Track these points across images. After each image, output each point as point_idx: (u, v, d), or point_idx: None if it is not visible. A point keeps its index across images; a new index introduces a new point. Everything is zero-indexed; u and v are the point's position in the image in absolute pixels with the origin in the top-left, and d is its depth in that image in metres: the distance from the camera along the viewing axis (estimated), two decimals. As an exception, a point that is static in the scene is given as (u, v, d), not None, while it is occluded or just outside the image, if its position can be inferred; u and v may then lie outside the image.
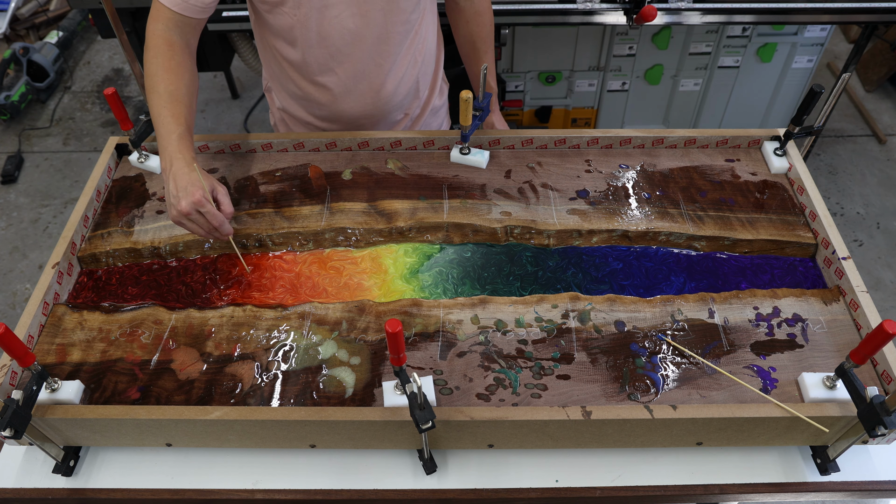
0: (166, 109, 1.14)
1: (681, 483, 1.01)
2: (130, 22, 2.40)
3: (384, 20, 1.30)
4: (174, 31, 1.20)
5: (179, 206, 1.08)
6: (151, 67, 1.17)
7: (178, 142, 1.12)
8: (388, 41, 1.34)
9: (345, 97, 1.41)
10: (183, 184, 1.08)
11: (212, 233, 1.13)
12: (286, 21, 1.28)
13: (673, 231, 1.23)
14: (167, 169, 1.11)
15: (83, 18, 4.04)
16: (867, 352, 0.89)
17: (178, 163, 1.10)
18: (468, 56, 1.56)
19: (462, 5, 1.47)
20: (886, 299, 2.65)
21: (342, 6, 1.26)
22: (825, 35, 2.61)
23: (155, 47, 1.18)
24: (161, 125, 1.14)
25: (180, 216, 1.09)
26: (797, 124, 1.30)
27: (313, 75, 1.37)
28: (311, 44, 1.31)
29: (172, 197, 1.09)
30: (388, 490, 1.00)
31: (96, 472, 1.03)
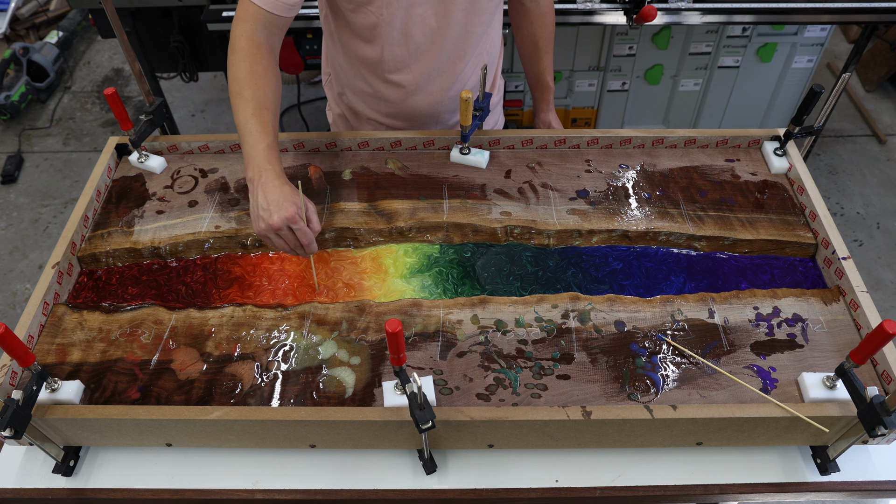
0: (254, 118, 1.10)
1: (681, 483, 1.01)
2: (130, 22, 2.40)
3: (465, 20, 1.30)
4: (261, 32, 1.17)
5: (271, 221, 1.04)
6: (239, 71, 1.14)
7: (268, 152, 1.09)
8: (466, 40, 1.34)
9: (415, 94, 1.41)
10: (275, 197, 1.05)
11: (297, 249, 1.10)
12: (369, 19, 1.28)
13: (673, 231, 1.23)
14: (255, 179, 1.07)
15: (83, 18, 4.04)
16: (867, 352, 0.88)
17: (268, 174, 1.06)
18: (529, 56, 1.56)
19: (528, 6, 1.48)
20: (886, 299, 2.65)
21: (427, 5, 1.25)
22: (825, 35, 2.61)
23: (242, 49, 1.15)
24: (248, 133, 1.10)
25: (269, 230, 1.06)
26: (797, 124, 1.30)
27: (388, 73, 1.37)
28: (393, 42, 1.31)
29: (262, 210, 1.05)
30: (388, 490, 1.00)
31: (96, 472, 1.03)
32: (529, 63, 1.58)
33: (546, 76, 1.58)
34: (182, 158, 1.40)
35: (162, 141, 1.40)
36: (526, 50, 1.56)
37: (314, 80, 3.57)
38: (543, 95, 1.61)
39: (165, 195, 1.32)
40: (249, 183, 1.09)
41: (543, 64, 1.56)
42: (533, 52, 1.55)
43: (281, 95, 1.19)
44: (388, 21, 1.27)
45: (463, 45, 1.35)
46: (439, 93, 1.42)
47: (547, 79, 1.58)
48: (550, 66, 1.57)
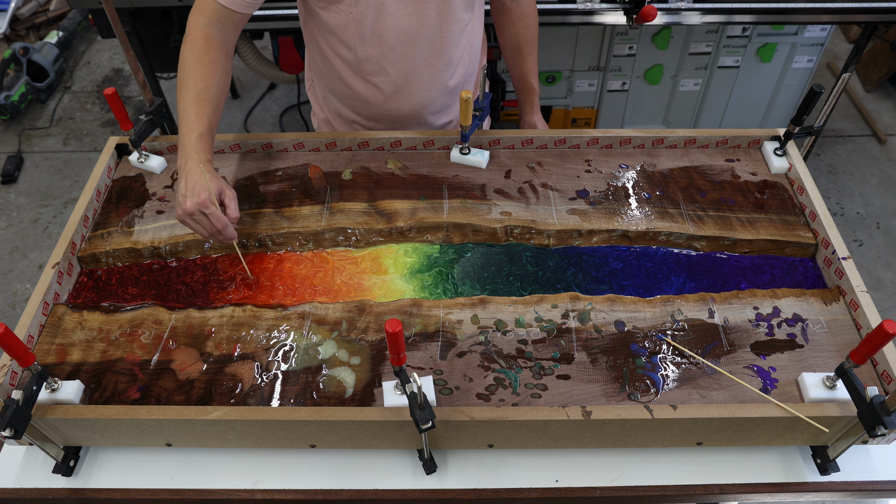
0: (192, 107, 1.14)
1: (681, 483, 1.01)
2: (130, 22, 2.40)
3: (438, 19, 1.30)
4: (215, 26, 1.19)
5: (185, 205, 1.09)
6: (185, 61, 1.17)
7: (197, 141, 1.12)
8: (442, 40, 1.34)
9: (395, 97, 1.41)
10: (191, 184, 1.09)
11: (215, 235, 1.13)
12: (341, 19, 1.28)
13: (673, 231, 1.23)
14: (181, 167, 1.12)
15: (83, 18, 4.04)
16: (867, 352, 0.88)
17: (192, 162, 1.11)
18: (512, 58, 1.56)
19: (509, 6, 1.47)
20: (886, 299, 2.65)
21: (398, 4, 1.25)
22: (825, 35, 2.61)
23: (193, 41, 1.18)
24: (183, 122, 1.14)
25: (184, 215, 1.10)
26: (797, 124, 1.30)
27: (365, 74, 1.37)
28: (366, 42, 1.31)
29: (180, 195, 1.10)
30: (388, 490, 1.00)
31: (96, 472, 1.03)
32: (513, 65, 1.57)
33: (530, 78, 1.57)
34: (182, 158, 1.40)
35: (162, 141, 1.40)
36: (509, 52, 1.55)
37: (314, 80, 3.57)
38: (528, 98, 1.60)
39: (165, 195, 1.32)
40: (179, 169, 1.13)
41: (527, 66, 1.55)
42: (516, 53, 1.54)
43: (227, 88, 1.22)
44: (358, 20, 1.27)
45: (438, 45, 1.34)
46: (418, 94, 1.41)
47: (531, 80, 1.57)
48: (535, 68, 1.56)
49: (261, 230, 1.24)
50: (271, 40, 2.48)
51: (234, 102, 3.62)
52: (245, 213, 1.28)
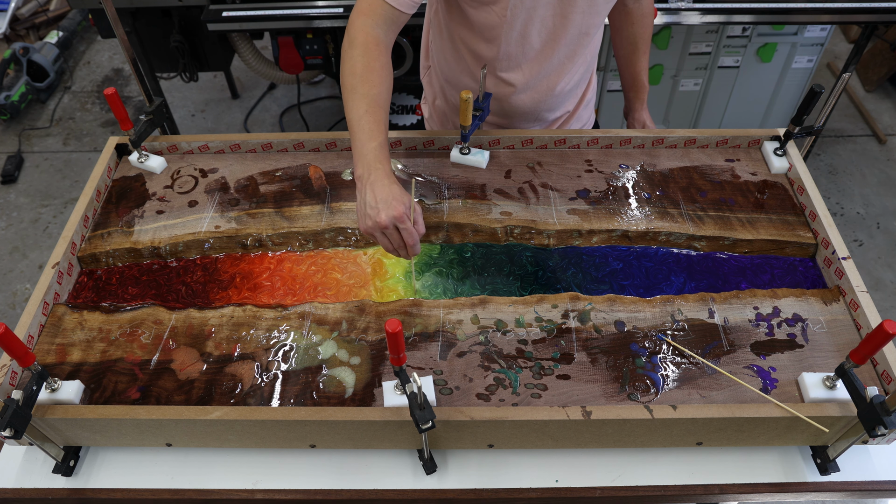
0: (368, 115, 1.10)
1: (681, 483, 1.01)
2: (130, 22, 2.40)
3: (581, 21, 1.30)
4: (381, 28, 1.16)
5: (378, 219, 1.04)
6: (355, 66, 1.12)
7: (379, 150, 1.08)
8: (579, 42, 1.35)
9: (522, 93, 1.41)
10: (384, 196, 1.04)
11: (399, 249, 1.09)
12: (491, 19, 1.27)
13: (673, 231, 1.23)
14: (363, 177, 1.07)
15: (83, 18, 4.04)
16: (867, 352, 0.88)
17: (378, 173, 1.06)
18: (627, 56, 1.57)
19: (631, 7, 1.48)
20: (886, 299, 2.65)
21: (549, 7, 1.25)
22: (825, 35, 2.61)
23: (362, 44, 1.13)
24: (360, 130, 1.09)
25: (376, 228, 1.05)
26: (797, 124, 1.30)
27: (500, 71, 1.37)
28: (511, 42, 1.30)
29: (370, 208, 1.05)
30: (388, 490, 1.00)
31: (96, 472, 1.03)
32: (627, 63, 1.58)
33: (643, 76, 1.59)
34: (182, 158, 1.40)
35: (162, 141, 1.40)
36: (624, 50, 1.56)
37: (314, 80, 3.57)
38: (638, 95, 1.62)
39: (165, 195, 1.32)
40: (358, 180, 1.08)
41: (641, 63, 1.57)
42: (632, 52, 1.55)
43: (391, 94, 1.18)
44: (509, 22, 1.26)
45: (575, 46, 1.35)
46: (545, 91, 1.42)
47: (643, 78, 1.59)
48: (647, 66, 1.58)
49: (261, 230, 1.24)
50: (271, 40, 2.49)
51: (234, 102, 3.63)
52: (245, 213, 1.28)
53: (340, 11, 2.20)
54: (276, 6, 2.22)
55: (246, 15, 2.22)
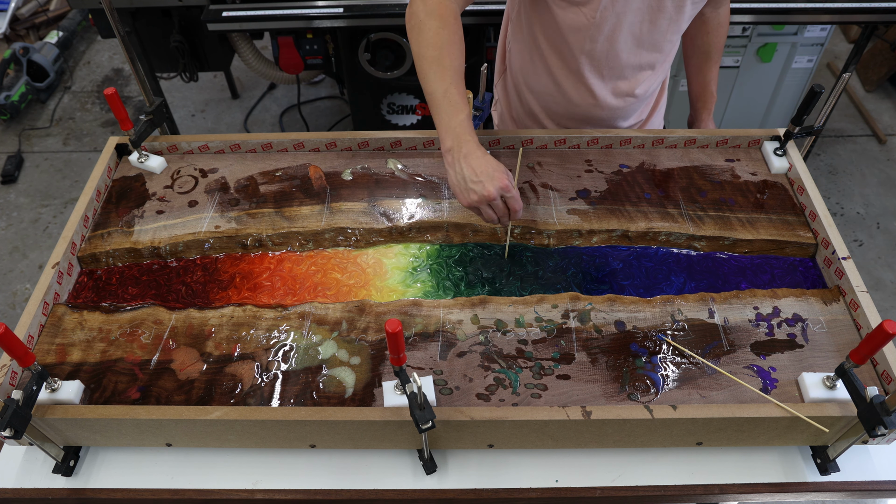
0: (455, 87, 1.08)
1: (681, 483, 1.01)
2: (130, 22, 2.40)
3: (667, 28, 1.30)
4: (456, 2, 1.15)
5: (485, 191, 1.02)
6: (437, 37, 1.10)
7: (467, 122, 1.07)
8: (661, 48, 1.34)
9: (601, 98, 1.41)
10: (484, 167, 1.03)
11: (503, 219, 1.08)
12: (579, 21, 1.26)
13: (673, 231, 1.23)
14: (454, 150, 1.05)
15: (83, 18, 4.04)
16: (867, 352, 0.88)
17: (469, 145, 1.05)
18: (699, 65, 1.55)
19: (708, 16, 1.46)
20: (886, 299, 2.65)
21: (638, 13, 1.25)
22: (825, 35, 2.60)
23: (441, 16, 1.11)
24: (447, 102, 1.07)
25: (483, 200, 1.04)
26: (797, 124, 1.30)
27: (580, 75, 1.37)
28: (596, 44, 1.30)
29: (471, 182, 1.03)
30: (388, 490, 1.00)
31: (96, 472, 1.03)
32: (697, 71, 1.56)
33: (713, 85, 1.57)
34: (182, 158, 1.40)
35: (162, 141, 1.40)
36: (696, 59, 1.54)
37: (314, 80, 3.58)
38: (706, 105, 1.60)
39: (165, 195, 1.32)
40: (448, 153, 1.07)
41: (713, 73, 1.55)
42: (704, 61, 1.53)
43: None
44: (597, 24, 1.25)
45: (657, 52, 1.35)
46: (623, 97, 1.42)
47: (713, 88, 1.57)
48: (717, 76, 1.57)
49: (261, 230, 1.24)
50: (271, 40, 2.49)
51: (234, 102, 3.63)
52: (245, 212, 1.28)
53: (340, 11, 2.20)
54: (276, 6, 2.22)
55: (246, 15, 2.22)
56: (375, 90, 2.52)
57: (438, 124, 1.09)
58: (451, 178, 1.07)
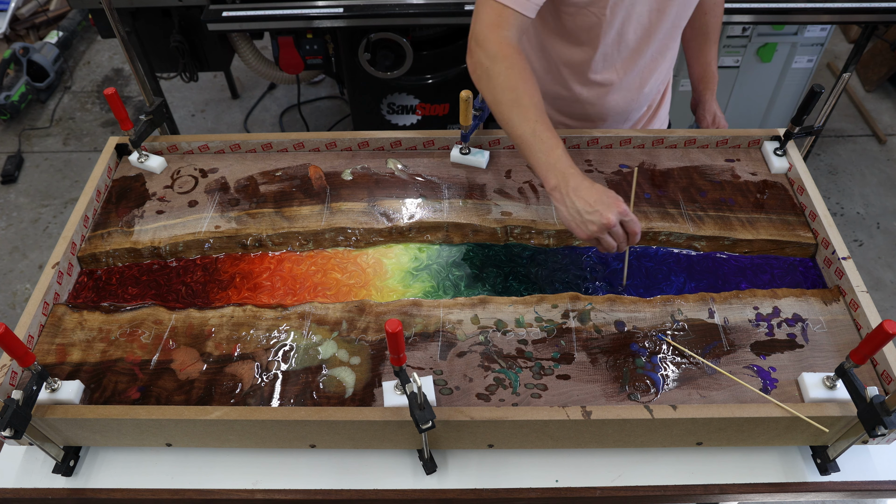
0: (540, 124, 1.08)
1: (681, 483, 1.01)
2: (130, 22, 2.40)
3: (676, 14, 1.29)
4: (517, 37, 1.13)
5: (605, 220, 1.02)
6: (510, 80, 1.10)
7: (565, 156, 1.07)
8: (670, 36, 1.34)
9: (613, 93, 1.40)
10: (596, 197, 1.03)
11: (622, 244, 1.06)
12: (589, 21, 1.26)
13: (673, 231, 1.23)
14: (561, 186, 1.05)
15: (83, 18, 4.04)
16: (867, 352, 0.88)
17: (577, 178, 1.05)
18: (697, 47, 1.55)
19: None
20: (886, 299, 2.65)
21: (646, 2, 1.24)
22: (825, 35, 2.60)
23: (508, 56, 1.10)
24: (539, 140, 1.07)
25: (603, 229, 1.03)
26: (797, 124, 1.30)
27: (592, 73, 1.36)
28: (607, 42, 1.29)
29: (587, 214, 1.03)
30: (388, 490, 1.00)
31: (96, 472, 1.03)
32: (698, 53, 1.55)
33: (713, 66, 1.56)
34: (182, 158, 1.40)
35: (162, 141, 1.40)
36: (696, 41, 1.54)
37: (314, 80, 3.57)
38: (709, 86, 1.58)
39: (165, 195, 1.32)
40: (554, 191, 1.07)
41: (713, 53, 1.55)
42: (703, 41, 1.53)
43: None
44: (608, 21, 1.25)
45: (668, 40, 1.34)
46: (636, 90, 1.41)
47: (714, 69, 1.57)
48: (716, 56, 1.56)
49: (261, 230, 1.24)
50: (271, 40, 2.48)
51: (234, 102, 3.63)
52: (245, 213, 1.28)
53: (340, 11, 2.19)
54: (276, 6, 2.22)
55: (246, 15, 2.22)
56: (375, 90, 2.52)
57: (536, 164, 1.08)
58: (564, 214, 1.07)
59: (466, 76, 1.63)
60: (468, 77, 1.64)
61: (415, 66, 2.37)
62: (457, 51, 2.43)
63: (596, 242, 1.07)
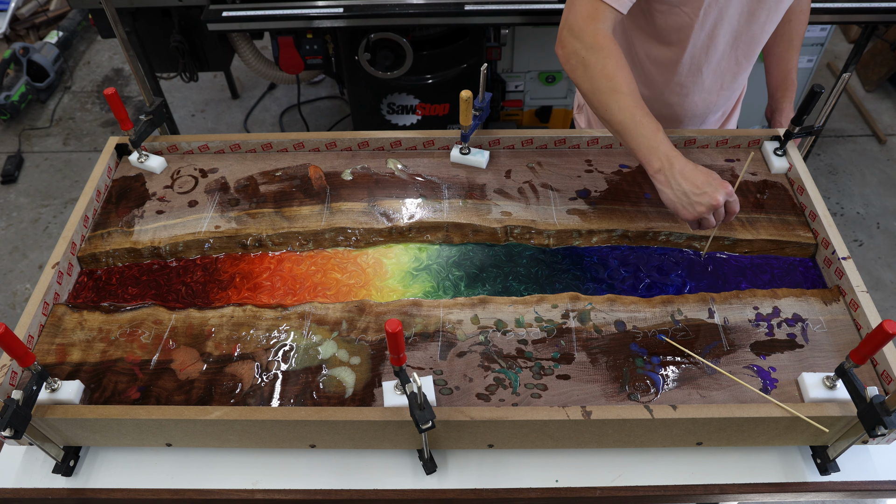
0: (639, 109, 1.10)
1: (681, 483, 1.01)
2: (130, 22, 2.40)
3: (765, 19, 1.29)
4: (611, 29, 1.16)
5: (713, 200, 1.05)
6: (607, 68, 1.12)
7: (667, 139, 1.10)
8: (758, 41, 1.34)
9: (694, 95, 1.41)
10: (702, 178, 1.06)
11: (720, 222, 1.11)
12: (679, 21, 1.26)
13: (673, 231, 1.23)
14: (666, 169, 1.08)
15: (83, 18, 4.04)
16: (867, 352, 0.88)
17: (681, 160, 1.08)
18: (781, 54, 1.54)
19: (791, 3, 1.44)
20: (886, 299, 2.65)
21: (739, 5, 1.25)
22: (825, 35, 2.60)
23: (605, 46, 1.13)
24: (641, 125, 1.10)
25: (710, 209, 1.07)
26: (797, 124, 1.30)
27: (678, 74, 1.36)
28: (696, 43, 1.30)
29: (695, 195, 1.06)
30: (388, 490, 1.00)
31: (96, 472, 1.03)
32: (779, 60, 1.54)
33: (794, 74, 1.56)
34: (182, 158, 1.40)
35: (162, 141, 1.40)
36: (778, 48, 1.53)
37: (314, 80, 3.57)
38: (787, 94, 1.57)
39: (165, 195, 1.32)
40: (658, 174, 1.09)
41: (794, 61, 1.55)
42: (786, 49, 1.52)
43: None
44: (700, 22, 1.25)
45: (754, 45, 1.34)
46: (716, 93, 1.42)
47: (794, 76, 1.56)
48: (797, 64, 1.56)
49: (261, 230, 1.24)
50: (271, 40, 2.48)
51: (234, 102, 3.63)
52: (245, 213, 1.28)
53: (340, 11, 2.19)
54: (276, 6, 2.22)
55: (246, 15, 2.22)
56: (375, 90, 2.52)
57: (638, 148, 1.10)
58: (669, 196, 1.09)
59: (466, 76, 1.63)
60: (468, 77, 1.64)
61: (415, 66, 2.37)
62: (457, 51, 2.43)
63: (696, 225, 1.10)
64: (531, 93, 2.85)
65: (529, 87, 2.82)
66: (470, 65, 2.47)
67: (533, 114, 2.93)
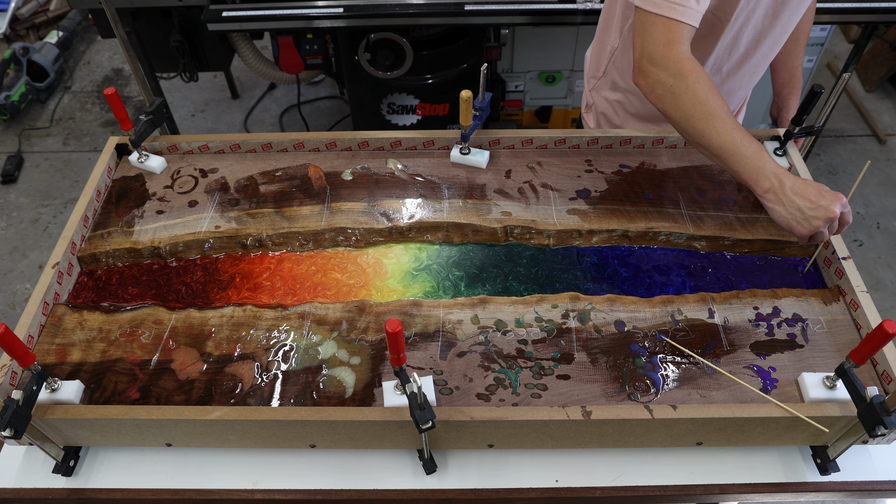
0: (739, 131, 1.10)
1: (681, 483, 1.01)
2: (130, 22, 2.40)
3: (787, 19, 1.29)
4: (689, 49, 1.14)
5: (830, 213, 1.06)
6: (699, 93, 1.10)
7: (771, 159, 1.10)
8: (777, 42, 1.34)
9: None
10: (814, 192, 1.07)
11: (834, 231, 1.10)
12: (710, 25, 1.26)
13: (673, 231, 1.23)
14: (776, 188, 1.08)
15: (83, 18, 4.04)
16: (867, 352, 0.88)
17: (790, 178, 1.08)
18: (788, 52, 1.53)
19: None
20: (886, 299, 2.65)
21: (765, 6, 1.24)
22: (825, 35, 2.60)
23: (692, 71, 1.11)
24: (744, 147, 1.09)
25: (827, 223, 1.07)
26: (797, 124, 1.30)
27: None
28: (721, 46, 1.29)
29: (811, 210, 1.06)
30: (388, 490, 1.00)
31: (96, 472, 1.03)
32: (786, 58, 1.54)
33: (800, 72, 1.57)
34: (182, 158, 1.40)
35: (162, 141, 1.40)
36: (786, 46, 1.52)
37: (314, 80, 3.58)
38: (794, 92, 1.58)
39: (165, 195, 1.32)
40: (768, 193, 1.09)
41: (800, 59, 1.55)
42: (794, 47, 1.52)
43: None
44: (730, 25, 1.25)
45: (774, 46, 1.34)
46: (733, 92, 1.41)
47: (800, 74, 1.57)
48: (802, 61, 1.56)
49: (261, 230, 1.24)
50: (271, 40, 2.48)
51: (234, 102, 3.63)
52: (245, 213, 1.28)
53: (340, 11, 2.20)
54: (276, 6, 2.22)
55: (246, 15, 2.22)
56: (375, 90, 2.52)
57: (744, 170, 1.10)
58: (782, 214, 1.09)
59: (466, 76, 1.63)
60: (468, 77, 1.64)
61: (415, 66, 2.37)
62: (457, 51, 2.43)
63: (810, 240, 1.10)
64: (531, 93, 2.85)
65: (529, 87, 2.82)
66: (470, 65, 2.48)
67: (533, 114, 2.93)
